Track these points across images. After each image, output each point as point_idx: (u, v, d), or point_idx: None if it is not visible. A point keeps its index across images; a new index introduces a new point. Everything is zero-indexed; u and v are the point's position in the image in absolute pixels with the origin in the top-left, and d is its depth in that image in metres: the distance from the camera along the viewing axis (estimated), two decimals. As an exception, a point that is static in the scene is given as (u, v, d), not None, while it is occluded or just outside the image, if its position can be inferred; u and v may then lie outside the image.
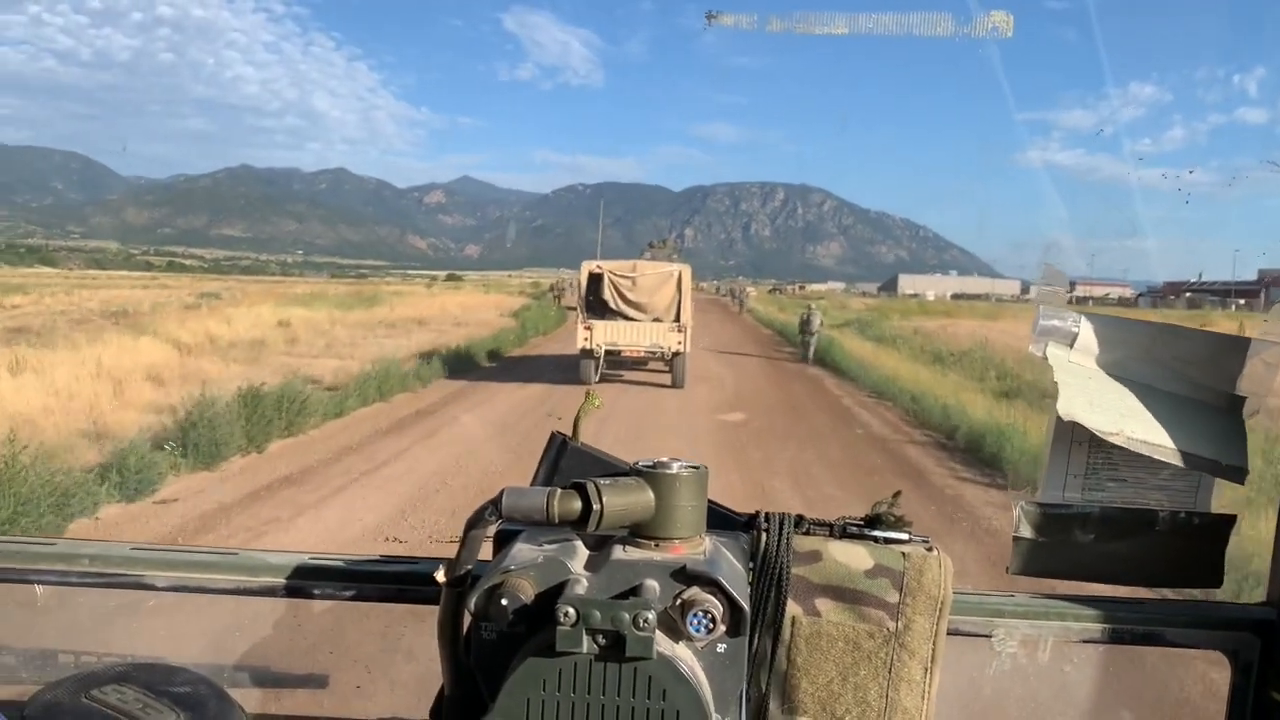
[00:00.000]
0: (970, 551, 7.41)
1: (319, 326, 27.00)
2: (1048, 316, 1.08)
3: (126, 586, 1.11)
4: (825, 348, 26.11)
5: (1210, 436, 1.05)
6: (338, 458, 11.28)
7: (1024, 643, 1.07)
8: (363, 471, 10.46)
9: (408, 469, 10.62)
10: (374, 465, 10.82)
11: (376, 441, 12.40)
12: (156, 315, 28.45)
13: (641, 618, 0.70)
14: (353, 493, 9.43)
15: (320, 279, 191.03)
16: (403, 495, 9.27)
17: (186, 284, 75.65)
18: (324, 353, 21.04)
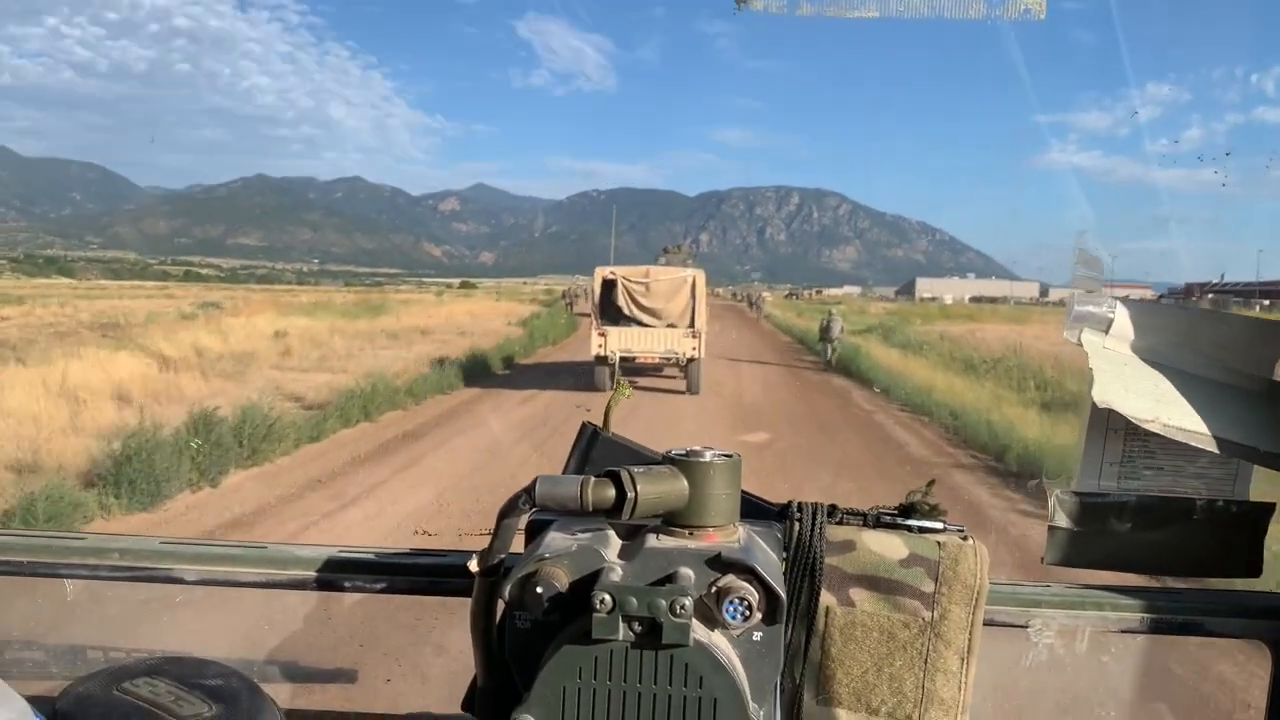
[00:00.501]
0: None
1: (317, 337, 25.95)
2: (1083, 302, 1.07)
3: (156, 580, 1.11)
4: (850, 356, 24.98)
5: (1249, 423, 1.03)
6: (300, 494, 10.11)
7: (1061, 633, 1.06)
8: (325, 513, 9.24)
9: (379, 509, 9.39)
10: (340, 504, 9.60)
11: (349, 473, 11.08)
12: (148, 327, 27.37)
13: (678, 604, 0.70)
14: (309, 540, 8.19)
15: (334, 287, 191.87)
16: (368, 544, 8.29)
17: (193, 293, 74.90)
18: (316, 366, 20.11)
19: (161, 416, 11.22)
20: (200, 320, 30.95)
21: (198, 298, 58.98)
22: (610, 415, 1.04)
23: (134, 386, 15.31)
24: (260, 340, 23.99)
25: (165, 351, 19.52)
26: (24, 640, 1.19)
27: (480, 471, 10.91)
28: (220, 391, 15.19)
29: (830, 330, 25.42)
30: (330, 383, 16.66)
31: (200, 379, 17.15)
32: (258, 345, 22.69)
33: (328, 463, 11.61)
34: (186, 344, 21.17)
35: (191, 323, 29.77)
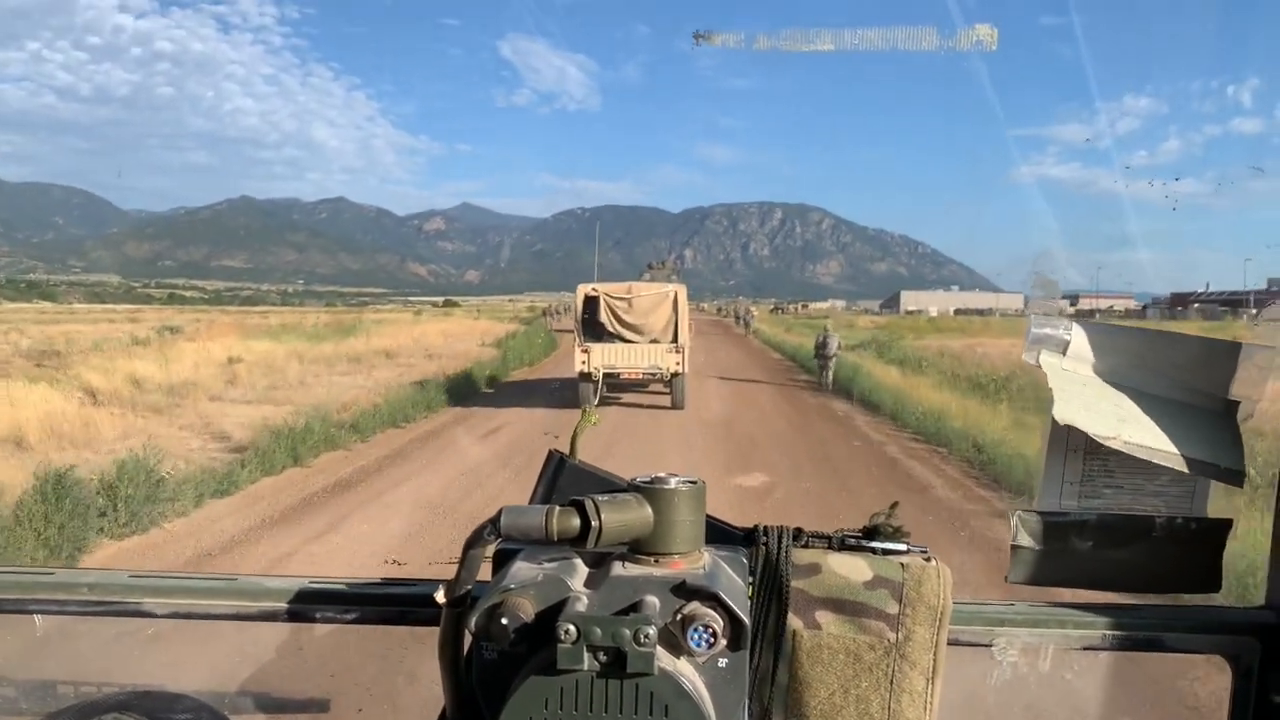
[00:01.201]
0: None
1: (273, 363, 24.22)
2: (1040, 324, 1.09)
3: (126, 614, 1.11)
4: (849, 375, 23.30)
5: (1206, 440, 1.05)
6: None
7: (1025, 651, 1.06)
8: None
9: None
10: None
11: (253, 541, 9.06)
12: (91, 355, 25.39)
13: (642, 633, 0.70)
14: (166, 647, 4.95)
15: (316, 308, 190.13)
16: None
17: (161, 316, 71.64)
18: (260, 397, 18.26)
19: (58, 462, 9.57)
20: (153, 346, 29.21)
21: (165, 320, 56.98)
22: (577, 441, 1.05)
23: (39, 427, 13.33)
24: (209, 368, 22.53)
25: (94, 383, 17.94)
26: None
27: (415, 540, 8.93)
28: (138, 431, 13.38)
29: (827, 347, 23.80)
30: (270, 417, 14.65)
31: (123, 415, 15.27)
32: (204, 374, 21.16)
33: (228, 526, 9.58)
34: (123, 374, 19.46)
35: (143, 349, 27.93)
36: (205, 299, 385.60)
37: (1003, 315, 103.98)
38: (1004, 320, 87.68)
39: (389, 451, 14.09)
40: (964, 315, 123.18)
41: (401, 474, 12.39)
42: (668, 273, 25.71)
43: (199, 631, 1.13)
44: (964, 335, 43.81)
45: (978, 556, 8.07)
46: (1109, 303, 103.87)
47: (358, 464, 13.01)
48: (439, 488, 11.32)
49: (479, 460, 13.22)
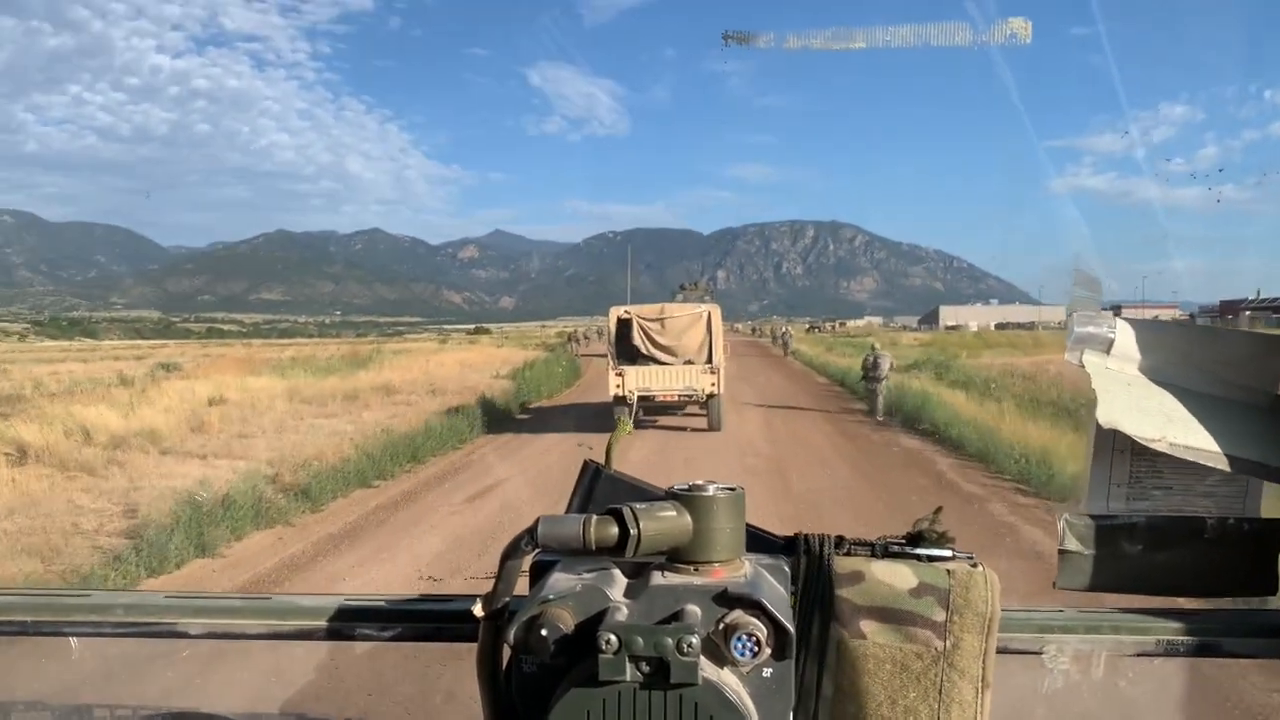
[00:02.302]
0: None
1: (260, 403, 22.06)
2: (1082, 323, 1.06)
3: (161, 635, 1.11)
4: (916, 404, 20.27)
5: (1255, 439, 1.02)
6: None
7: (1076, 658, 1.04)
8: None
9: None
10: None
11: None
12: (61, 399, 22.95)
13: (685, 642, 0.69)
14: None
15: (349, 339, 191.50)
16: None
17: (171, 352, 68.41)
18: (220, 449, 15.88)
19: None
20: (137, 388, 26.34)
21: (171, 357, 54.61)
22: (612, 452, 1.04)
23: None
24: (184, 412, 20.05)
25: (29, 437, 15.43)
26: (29, 701, 1.18)
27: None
28: (41, 498, 11.52)
29: (878, 369, 21.31)
30: (212, 477, 12.41)
31: (41, 476, 12.97)
32: (173, 419, 18.79)
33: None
34: (75, 423, 17.22)
35: (122, 391, 25.28)
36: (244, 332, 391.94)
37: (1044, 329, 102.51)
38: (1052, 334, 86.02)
39: (339, 528, 11.09)
40: (1005, 330, 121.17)
41: (341, 567, 9.28)
42: (700, 294, 25.67)
43: (235, 652, 1.13)
44: (1022, 351, 40.22)
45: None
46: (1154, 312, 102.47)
47: (286, 552, 9.95)
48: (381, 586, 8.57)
49: (456, 538, 10.27)
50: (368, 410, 21.57)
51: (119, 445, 15.73)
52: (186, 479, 12.52)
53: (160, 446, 15.93)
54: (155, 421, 18.10)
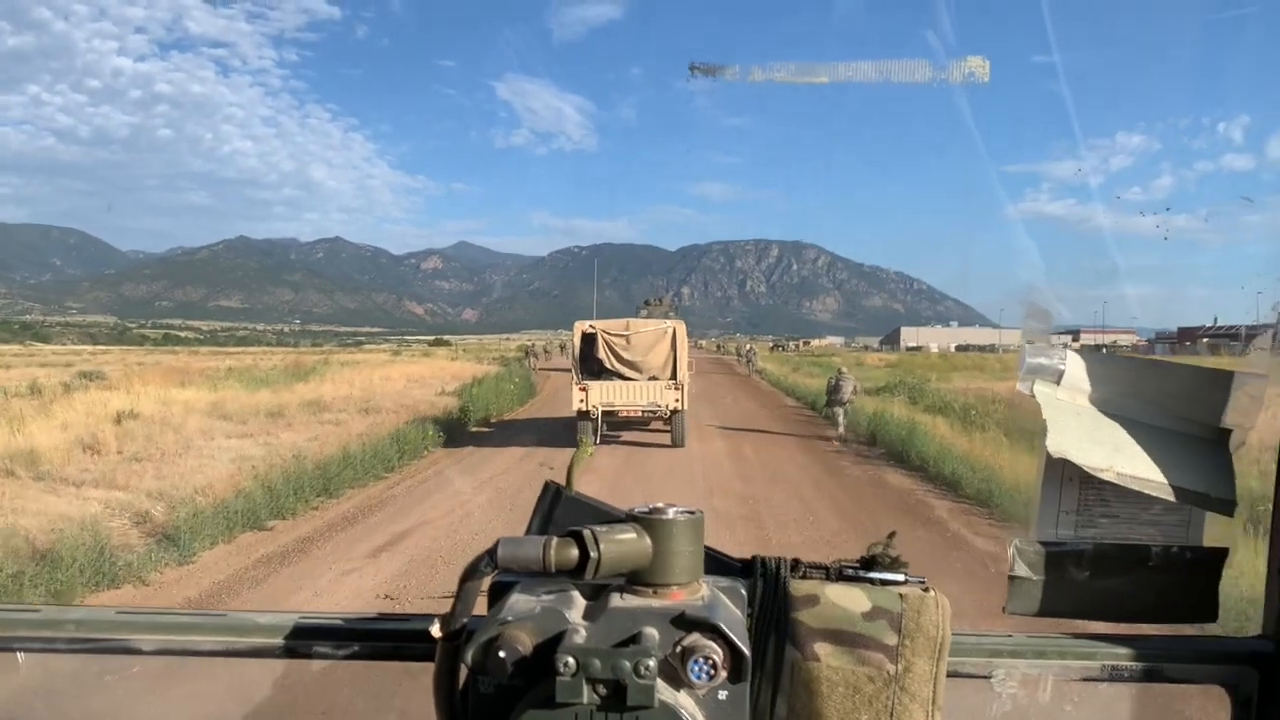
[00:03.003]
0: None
1: (173, 419, 19.98)
2: (1034, 354, 1.09)
3: (112, 652, 1.09)
4: (901, 434, 18.43)
5: (1199, 470, 1.05)
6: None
7: (1024, 682, 1.06)
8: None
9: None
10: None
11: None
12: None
13: (642, 665, 0.70)
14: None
15: (308, 348, 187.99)
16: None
17: (99, 358, 65.26)
18: (98, 477, 13.56)
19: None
20: (45, 398, 24.44)
21: (103, 363, 51.89)
22: (573, 473, 1.04)
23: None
24: (86, 428, 17.97)
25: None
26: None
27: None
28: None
29: (840, 391, 20.92)
30: (78, 513, 10.73)
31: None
32: (66, 437, 16.72)
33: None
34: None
35: (22, 403, 22.92)
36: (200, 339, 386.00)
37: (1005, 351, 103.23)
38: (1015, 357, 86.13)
39: (202, 589, 9.10)
40: (966, 352, 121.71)
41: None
42: (664, 310, 25.74)
43: (188, 669, 1.11)
44: (991, 375, 39.44)
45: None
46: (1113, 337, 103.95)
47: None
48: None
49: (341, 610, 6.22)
50: (289, 430, 19.57)
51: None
52: (39, 517, 10.48)
53: (35, 471, 13.79)
54: (44, 440, 16.01)
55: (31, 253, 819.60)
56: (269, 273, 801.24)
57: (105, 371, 38.75)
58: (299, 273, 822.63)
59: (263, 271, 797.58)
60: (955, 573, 9.17)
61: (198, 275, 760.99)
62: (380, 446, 17.11)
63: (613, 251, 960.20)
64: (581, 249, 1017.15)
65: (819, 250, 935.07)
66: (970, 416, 20.90)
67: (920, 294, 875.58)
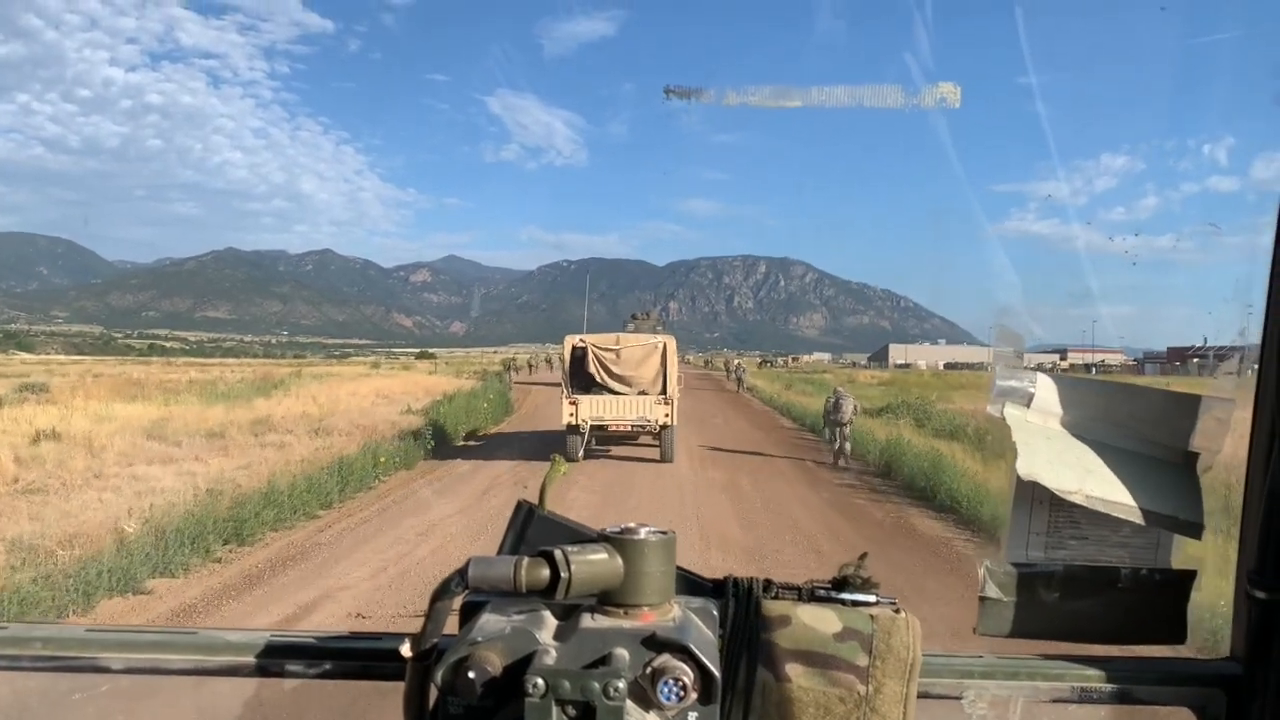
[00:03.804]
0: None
1: (99, 441, 18.32)
2: (1005, 377, 1.09)
3: (81, 670, 1.08)
4: (924, 465, 16.32)
5: (1168, 493, 1.06)
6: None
7: (994, 704, 1.06)
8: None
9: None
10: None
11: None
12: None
13: (611, 687, 0.70)
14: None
15: (287, 359, 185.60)
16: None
17: (65, 368, 63.23)
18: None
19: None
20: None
21: (69, 373, 50.26)
22: (546, 492, 1.04)
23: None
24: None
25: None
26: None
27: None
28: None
29: (840, 412, 19.54)
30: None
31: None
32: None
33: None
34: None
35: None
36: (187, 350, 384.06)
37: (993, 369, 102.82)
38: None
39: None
40: (957, 369, 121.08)
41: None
42: (652, 324, 25.66)
43: (158, 687, 1.10)
44: (983, 393, 36.78)
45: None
46: (1101, 356, 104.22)
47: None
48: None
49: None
50: (223, 455, 17.56)
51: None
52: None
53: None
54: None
55: (18, 261, 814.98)
56: (257, 284, 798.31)
57: (52, 384, 36.90)
58: (287, 284, 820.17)
59: (251, 283, 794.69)
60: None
61: (185, 286, 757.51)
62: (318, 478, 14.75)
63: (601, 266, 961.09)
64: (570, 263, 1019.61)
65: (806, 267, 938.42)
66: (986, 443, 18.55)
67: (907, 311, 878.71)
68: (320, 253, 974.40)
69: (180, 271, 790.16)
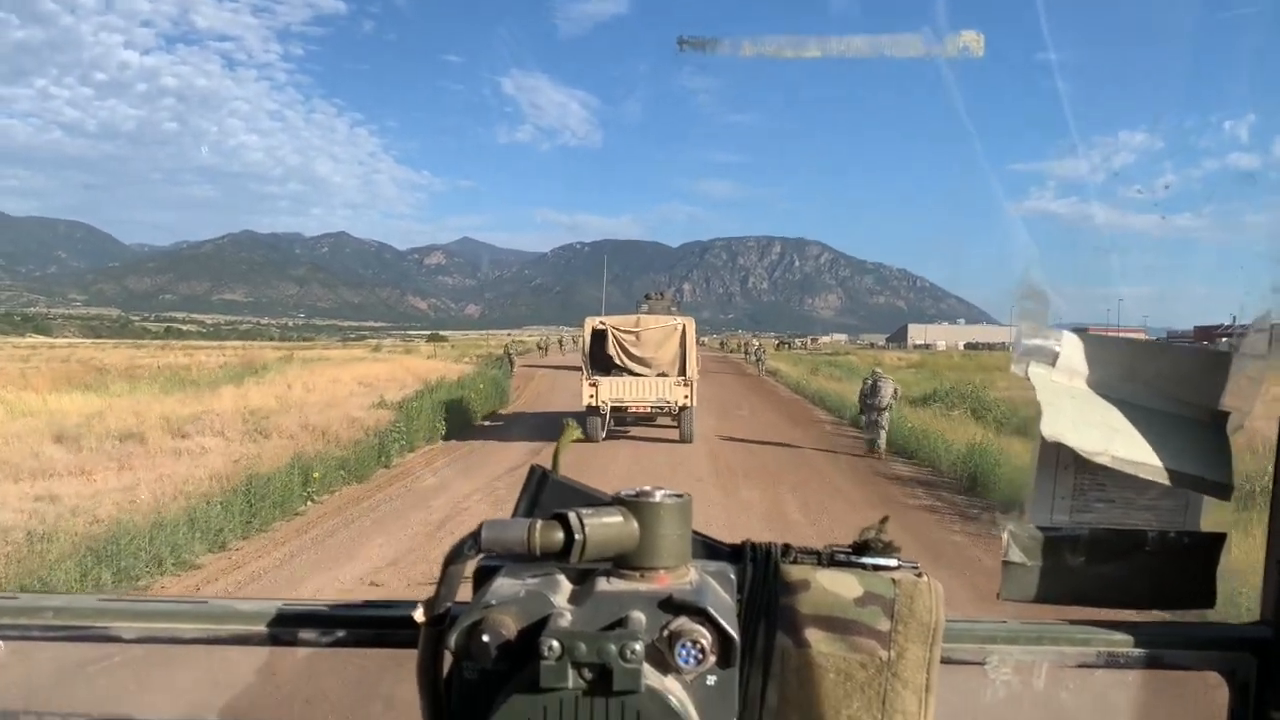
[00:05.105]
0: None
1: (23, 433, 16.57)
2: (1029, 335, 1.07)
3: (92, 639, 1.08)
4: (1012, 476, 13.25)
5: (1195, 453, 1.03)
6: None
7: (1018, 669, 1.04)
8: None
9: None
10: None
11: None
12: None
13: (628, 649, 0.68)
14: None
15: (305, 342, 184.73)
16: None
17: (52, 352, 61.79)
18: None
19: None
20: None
21: (49, 356, 48.58)
22: (559, 457, 1.03)
23: None
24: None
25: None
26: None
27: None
28: None
29: (877, 396, 18.02)
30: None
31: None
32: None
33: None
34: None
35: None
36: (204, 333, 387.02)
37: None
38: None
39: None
40: (977, 350, 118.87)
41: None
42: (666, 304, 25.65)
43: (169, 657, 1.09)
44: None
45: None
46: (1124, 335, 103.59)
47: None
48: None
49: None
50: (118, 468, 14.35)
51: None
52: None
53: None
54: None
55: (37, 246, 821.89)
56: (273, 267, 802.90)
57: (10, 369, 34.13)
58: (303, 267, 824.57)
59: (267, 266, 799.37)
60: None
61: (202, 269, 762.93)
62: (206, 513, 11.06)
63: (615, 247, 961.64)
64: (584, 245, 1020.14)
65: (822, 247, 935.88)
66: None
67: (923, 291, 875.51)
68: (335, 235, 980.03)
69: (197, 254, 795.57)
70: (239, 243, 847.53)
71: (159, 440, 16.81)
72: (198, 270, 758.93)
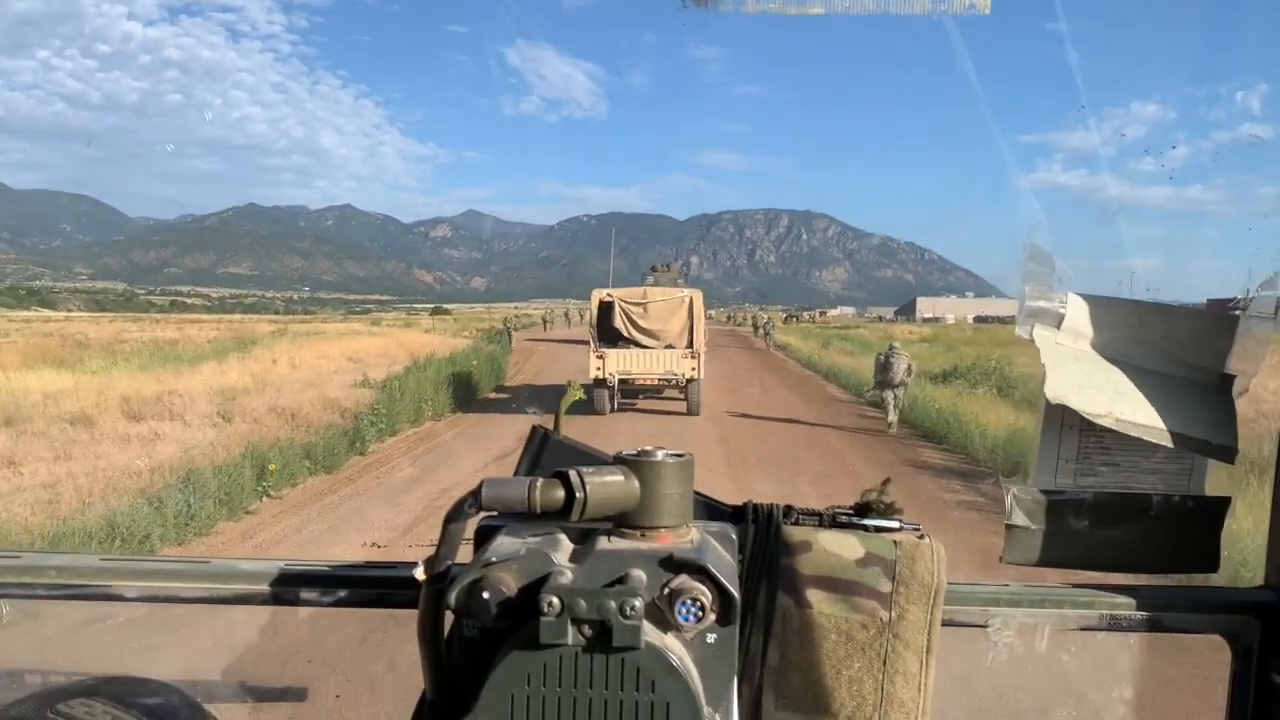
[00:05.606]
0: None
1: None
2: (1034, 298, 1.06)
3: (95, 598, 1.08)
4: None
5: (1201, 417, 1.03)
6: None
7: (1020, 632, 1.05)
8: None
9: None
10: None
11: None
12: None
13: (628, 605, 0.68)
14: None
15: (307, 315, 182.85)
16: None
17: (46, 325, 59.60)
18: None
19: None
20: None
21: (43, 331, 46.56)
22: (561, 417, 1.03)
23: None
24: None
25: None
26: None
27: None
28: None
29: (891, 371, 17.56)
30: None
31: None
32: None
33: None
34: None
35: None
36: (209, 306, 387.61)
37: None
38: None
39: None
40: (988, 324, 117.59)
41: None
42: (673, 276, 25.46)
43: (171, 616, 1.10)
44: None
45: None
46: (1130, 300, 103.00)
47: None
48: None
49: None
50: (54, 458, 12.54)
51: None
52: None
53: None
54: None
55: (42, 219, 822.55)
56: (278, 240, 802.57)
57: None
58: (308, 240, 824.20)
59: (272, 239, 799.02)
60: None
61: (207, 242, 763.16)
62: (143, 514, 9.58)
63: (622, 220, 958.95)
64: (590, 218, 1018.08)
65: (829, 220, 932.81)
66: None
67: (931, 264, 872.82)
68: (340, 208, 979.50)
69: (202, 228, 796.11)
70: (244, 216, 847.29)
71: (110, 424, 15.14)
72: (202, 244, 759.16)
